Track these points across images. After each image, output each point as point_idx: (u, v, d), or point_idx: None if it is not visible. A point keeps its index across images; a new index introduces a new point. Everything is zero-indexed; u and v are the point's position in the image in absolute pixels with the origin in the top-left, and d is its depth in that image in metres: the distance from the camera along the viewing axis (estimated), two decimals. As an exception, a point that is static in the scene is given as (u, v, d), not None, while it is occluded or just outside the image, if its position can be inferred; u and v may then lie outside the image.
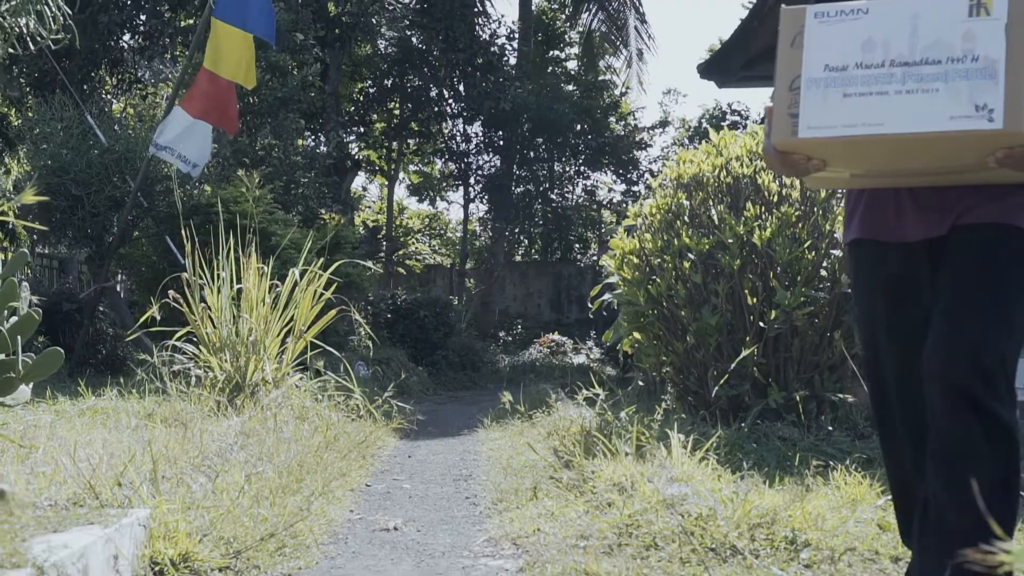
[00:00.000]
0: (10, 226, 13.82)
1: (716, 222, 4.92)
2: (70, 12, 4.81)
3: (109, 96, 14.14)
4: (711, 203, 5.01)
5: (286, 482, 3.79)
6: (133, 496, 2.90)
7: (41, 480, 3.09)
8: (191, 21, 13.32)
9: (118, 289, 11.53)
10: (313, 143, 15.92)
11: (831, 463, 3.82)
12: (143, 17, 13.48)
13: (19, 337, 5.05)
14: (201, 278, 5.84)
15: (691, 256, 4.89)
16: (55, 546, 2.24)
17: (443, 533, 3.51)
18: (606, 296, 6.43)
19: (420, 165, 22.01)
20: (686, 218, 5.07)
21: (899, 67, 1.80)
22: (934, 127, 1.76)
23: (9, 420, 4.89)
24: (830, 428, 4.53)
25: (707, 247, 4.83)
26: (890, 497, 3.31)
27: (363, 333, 11.13)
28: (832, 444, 4.28)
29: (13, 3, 4.07)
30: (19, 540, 2.28)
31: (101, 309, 10.21)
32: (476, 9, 17.26)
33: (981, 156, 1.81)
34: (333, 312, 6.17)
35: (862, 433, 4.48)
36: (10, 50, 4.51)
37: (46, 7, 4.33)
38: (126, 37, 13.94)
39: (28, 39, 4.35)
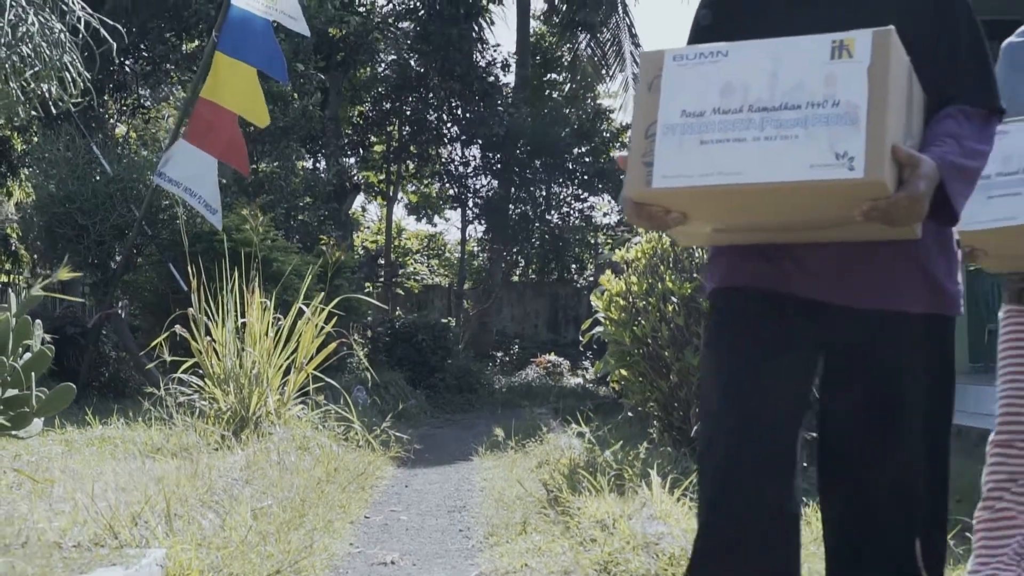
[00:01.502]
0: (12, 248, 14.07)
1: (698, 267, 5.18)
2: (88, 76, 5.07)
3: (113, 121, 14.38)
4: (693, 248, 5.26)
5: (290, 516, 4.02)
6: (150, 536, 3.13)
7: (63, 520, 3.31)
8: (195, 44, 13.57)
9: (120, 313, 11.76)
10: (312, 166, 16.21)
11: (805, 499, 4.05)
12: (146, 42, 13.73)
13: (33, 373, 5.29)
14: (206, 311, 6.07)
15: (674, 299, 5.14)
16: (84, 588, 2.47)
17: (437, 567, 3.74)
18: (597, 329, 6.67)
19: (419, 186, 22.29)
20: (670, 262, 5.33)
21: (758, 112, 1.67)
22: (793, 176, 1.63)
23: (22, 452, 5.11)
24: (804, 464, 4.76)
25: (689, 291, 5.08)
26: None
27: (361, 355, 11.38)
28: (807, 479, 4.50)
29: (36, 68, 4.32)
30: (51, 582, 2.52)
31: (104, 332, 10.43)
32: (474, 35, 17.57)
33: (846, 209, 1.67)
34: (333, 345, 6.40)
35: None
36: (32, 112, 4.77)
37: (67, 72, 4.58)
38: (128, 62, 14.18)
39: (51, 104, 4.59)
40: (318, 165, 16.61)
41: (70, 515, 3.37)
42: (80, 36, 4.95)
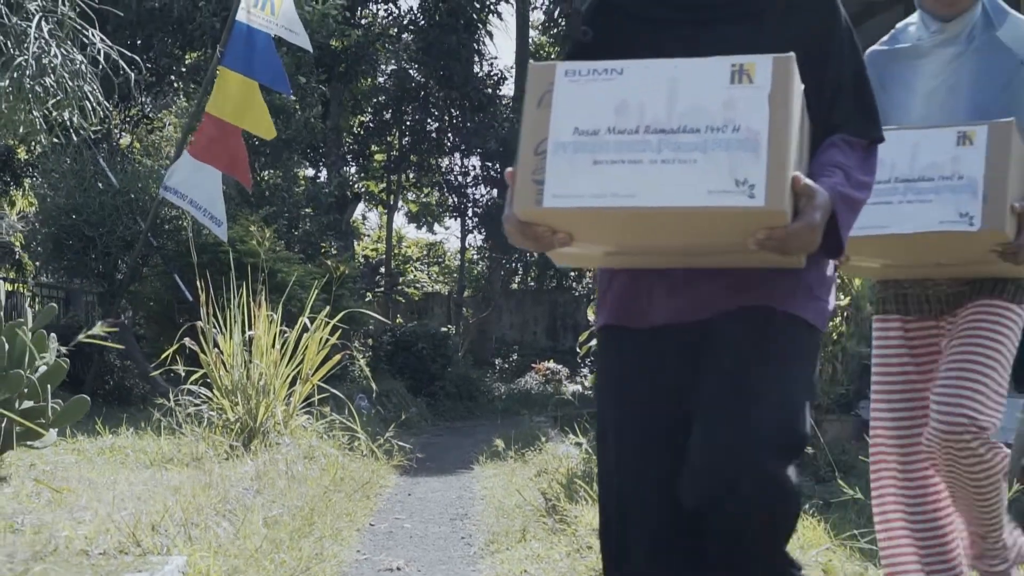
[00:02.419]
0: (16, 257, 14.24)
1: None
2: (108, 105, 5.27)
3: (117, 132, 14.57)
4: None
5: (299, 525, 4.20)
6: (170, 544, 3.31)
7: (85, 528, 3.49)
8: (197, 55, 13.75)
9: (126, 323, 11.93)
10: (314, 175, 16.45)
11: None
12: (151, 55, 13.91)
13: (48, 386, 5.46)
14: (213, 322, 6.24)
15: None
16: (114, 593, 2.65)
17: (441, 574, 3.93)
18: (594, 341, 6.86)
19: (419, 195, 22.50)
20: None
21: (654, 134, 1.61)
22: (690, 202, 1.58)
23: (36, 461, 5.29)
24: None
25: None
26: (839, 540, 3.73)
27: (362, 364, 11.56)
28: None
29: (59, 98, 4.51)
30: (83, 588, 2.70)
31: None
32: (474, 47, 17.81)
33: (741, 236, 1.63)
34: (338, 357, 6.59)
35: (823, 478, 4.91)
36: (54, 140, 4.96)
37: (87, 101, 4.78)
38: (133, 72, 14.32)
39: (72, 131, 4.79)
40: (319, 174, 16.84)
41: (91, 524, 3.53)
42: (100, 68, 5.16)
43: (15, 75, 4.32)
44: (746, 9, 1.84)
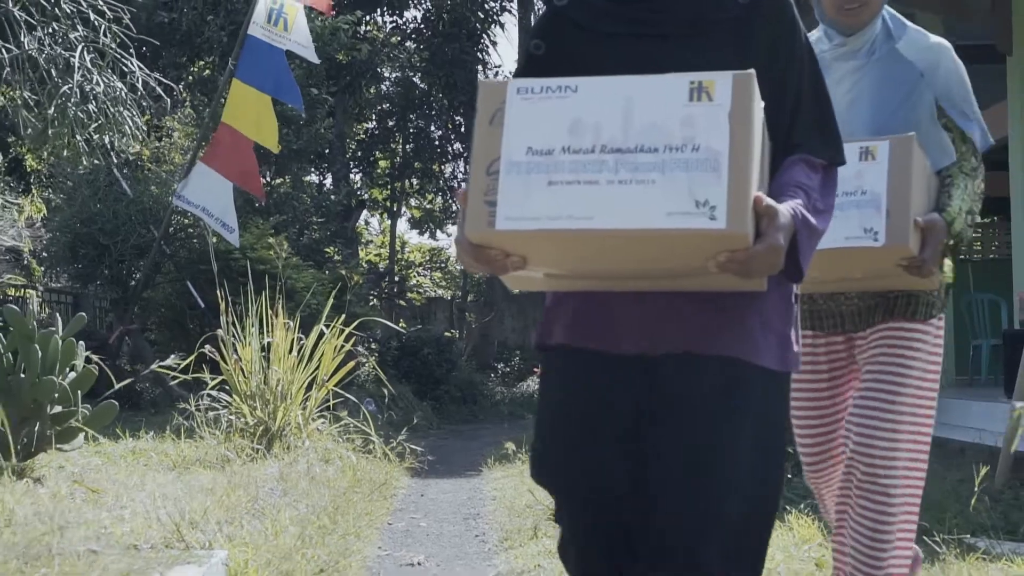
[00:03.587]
0: (24, 262, 14.46)
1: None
2: (145, 128, 5.54)
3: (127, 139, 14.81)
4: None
5: (324, 523, 4.45)
6: (211, 540, 3.57)
7: (127, 525, 3.74)
8: (202, 63, 14.01)
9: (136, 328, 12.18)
10: (319, 181, 16.72)
11: (788, 507, 4.50)
12: (159, 66, 14.18)
13: (79, 391, 5.72)
14: (228, 328, 6.49)
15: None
16: (170, 582, 2.91)
17: (460, 568, 4.18)
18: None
19: (422, 201, 22.76)
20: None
21: (611, 154, 1.55)
22: (650, 224, 1.52)
23: (65, 463, 5.55)
24: (789, 476, 5.20)
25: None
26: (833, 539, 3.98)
27: (370, 368, 11.82)
28: (792, 489, 4.95)
29: (99, 122, 4.77)
30: (144, 577, 2.95)
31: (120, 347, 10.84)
32: (478, 55, 18.12)
33: (702, 258, 1.57)
34: (352, 364, 6.86)
35: (818, 479, 5.16)
36: (95, 161, 5.22)
37: (127, 125, 5.05)
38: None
39: (112, 154, 5.05)
40: (324, 181, 17.12)
41: (132, 521, 3.78)
42: (139, 93, 5.45)
43: (59, 101, 4.58)
44: (702, 25, 1.77)
